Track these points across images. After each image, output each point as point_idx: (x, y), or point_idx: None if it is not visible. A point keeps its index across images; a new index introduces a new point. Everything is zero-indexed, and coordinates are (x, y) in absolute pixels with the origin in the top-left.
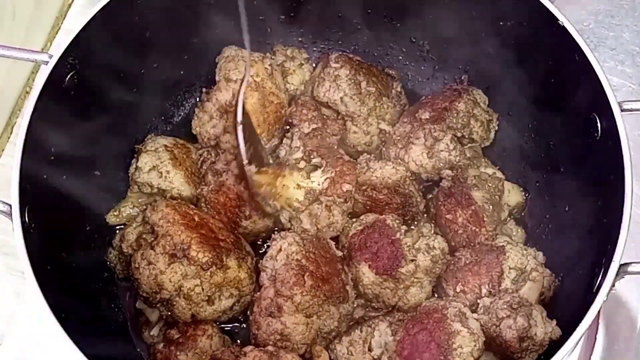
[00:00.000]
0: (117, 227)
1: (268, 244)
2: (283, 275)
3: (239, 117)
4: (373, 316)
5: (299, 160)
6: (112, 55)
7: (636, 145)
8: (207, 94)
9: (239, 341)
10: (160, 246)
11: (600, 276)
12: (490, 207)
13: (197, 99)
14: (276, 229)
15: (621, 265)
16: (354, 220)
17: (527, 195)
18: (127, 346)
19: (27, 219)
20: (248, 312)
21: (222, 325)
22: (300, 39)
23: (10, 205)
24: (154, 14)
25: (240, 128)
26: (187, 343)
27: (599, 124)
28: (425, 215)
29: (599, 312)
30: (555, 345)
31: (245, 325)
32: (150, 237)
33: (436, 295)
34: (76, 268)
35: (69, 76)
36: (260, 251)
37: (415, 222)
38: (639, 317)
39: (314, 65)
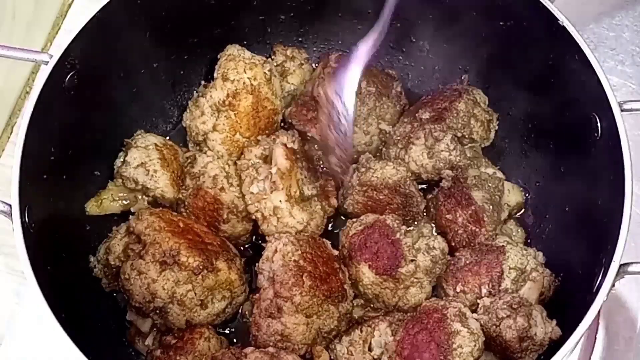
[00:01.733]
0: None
1: (248, 247)
2: (281, 276)
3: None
4: (373, 316)
5: None
6: (112, 55)
7: (636, 145)
8: (204, 87)
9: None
10: (150, 255)
11: (600, 276)
12: (490, 207)
13: None
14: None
15: (621, 265)
16: (354, 220)
17: (527, 195)
18: (127, 346)
19: (27, 219)
20: (239, 313)
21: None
22: (300, 39)
23: (10, 205)
24: (154, 13)
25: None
26: (185, 347)
27: (599, 124)
28: (425, 215)
29: (599, 312)
30: (555, 345)
31: (235, 328)
32: (137, 246)
33: (436, 296)
34: (76, 268)
35: (69, 76)
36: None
37: (416, 222)
38: (639, 317)
39: (314, 65)
